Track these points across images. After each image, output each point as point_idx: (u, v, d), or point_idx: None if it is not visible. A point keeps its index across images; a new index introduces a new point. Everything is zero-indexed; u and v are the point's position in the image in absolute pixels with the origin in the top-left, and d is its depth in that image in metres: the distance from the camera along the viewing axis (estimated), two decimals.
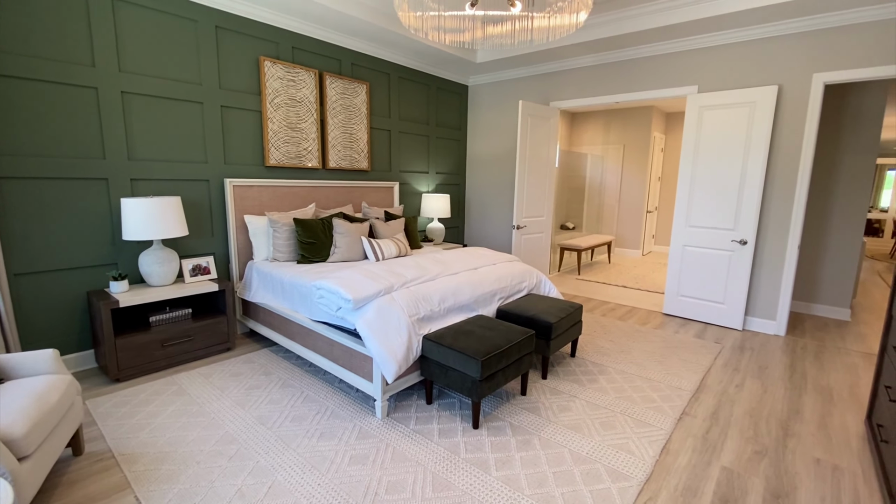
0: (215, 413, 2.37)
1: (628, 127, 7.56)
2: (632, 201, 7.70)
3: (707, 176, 3.96)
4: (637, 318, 4.23)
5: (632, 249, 7.79)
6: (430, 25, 2.61)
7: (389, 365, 2.25)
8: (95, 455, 2.02)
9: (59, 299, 2.75)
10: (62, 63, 2.60)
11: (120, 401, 2.48)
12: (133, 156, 2.93)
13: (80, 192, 2.75)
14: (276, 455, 2.03)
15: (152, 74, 2.96)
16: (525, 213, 4.70)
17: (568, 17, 2.44)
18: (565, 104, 4.84)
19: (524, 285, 3.32)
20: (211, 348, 3.09)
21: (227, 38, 3.29)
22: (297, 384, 2.74)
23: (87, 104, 2.72)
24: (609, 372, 3.00)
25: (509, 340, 2.38)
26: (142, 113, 2.94)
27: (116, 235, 2.91)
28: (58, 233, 2.69)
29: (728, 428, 2.37)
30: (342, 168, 4.22)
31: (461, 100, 5.56)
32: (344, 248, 3.47)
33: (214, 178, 3.34)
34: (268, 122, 3.57)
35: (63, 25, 2.59)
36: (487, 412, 2.45)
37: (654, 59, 4.20)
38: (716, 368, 3.12)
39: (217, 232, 3.41)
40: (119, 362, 2.67)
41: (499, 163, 5.47)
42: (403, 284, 2.63)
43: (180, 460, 1.98)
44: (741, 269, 3.87)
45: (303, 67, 3.75)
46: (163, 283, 2.93)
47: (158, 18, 2.95)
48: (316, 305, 2.70)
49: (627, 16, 3.76)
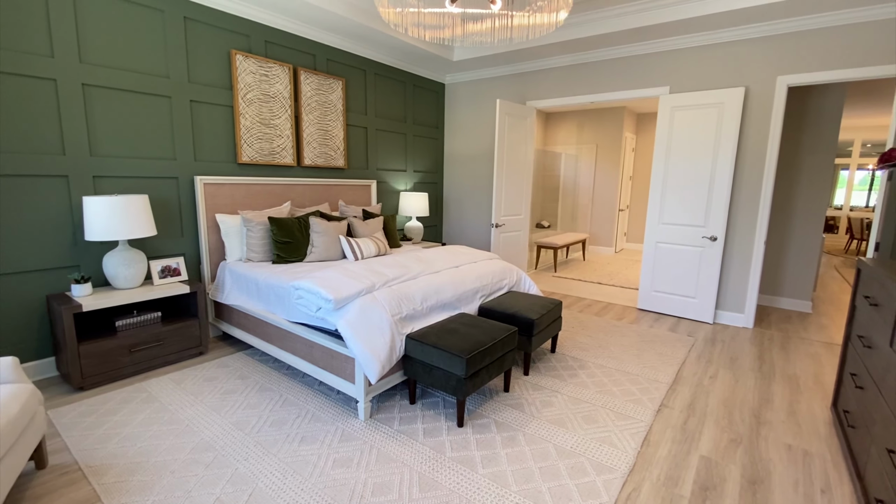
0: (189, 420, 2.28)
1: (601, 127, 7.72)
2: (604, 200, 7.86)
3: (679, 174, 4.08)
4: (613, 314, 4.31)
5: (605, 247, 7.95)
6: (409, 21, 2.59)
7: (373, 365, 2.21)
8: (60, 468, 1.90)
9: (16, 304, 2.58)
10: (17, 53, 2.44)
11: (85, 410, 2.35)
12: (96, 152, 2.78)
13: (38, 190, 2.58)
14: (256, 461, 1.96)
15: (116, 66, 2.81)
16: (504, 212, 4.72)
17: (547, 16, 2.45)
18: (542, 103, 4.89)
19: (505, 283, 3.33)
20: (182, 353, 2.97)
21: (196, 30, 3.17)
22: (276, 388, 2.66)
23: (44, 97, 2.56)
24: (589, 366, 3.04)
25: (493, 338, 2.38)
26: (105, 107, 2.79)
27: (78, 236, 2.76)
28: (14, 233, 2.52)
29: (704, 418, 2.44)
30: (318, 165, 4.13)
31: (438, 98, 5.54)
32: (321, 247, 3.39)
33: (184, 175, 3.20)
34: (240, 118, 3.46)
35: (18, 13, 2.43)
36: (472, 410, 2.44)
37: (627, 60, 4.30)
38: (690, 361, 3.22)
39: (187, 232, 3.27)
40: (83, 370, 2.52)
41: (476, 161, 5.48)
42: (385, 283, 2.59)
43: (153, 470, 1.89)
44: (712, 264, 4.00)
45: (276, 62, 3.64)
46: (130, 286, 2.79)
47: (122, 7, 2.80)
48: (294, 306, 2.63)
49: (603, 16, 3.82)
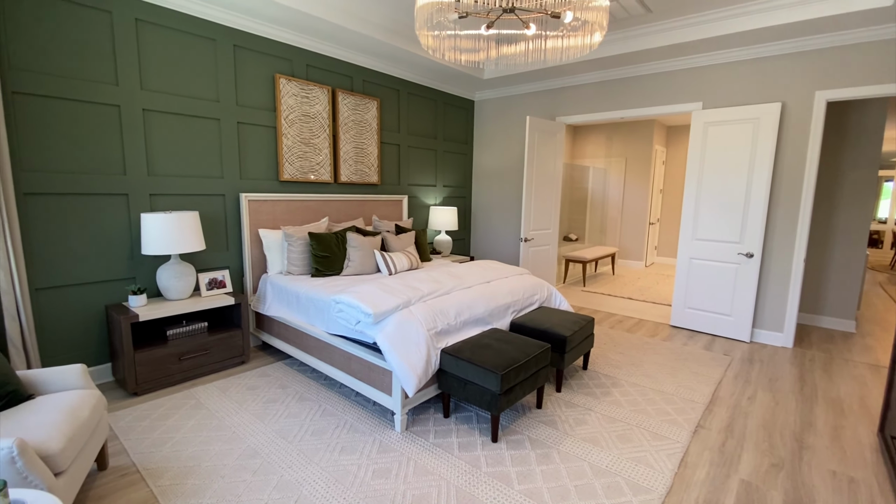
0: (235, 427, 2.39)
1: (630, 140, 7.67)
2: (634, 213, 7.77)
3: (712, 190, 4.03)
4: (645, 331, 4.26)
5: (635, 261, 7.84)
6: (447, 46, 2.69)
7: (410, 378, 2.27)
8: (120, 469, 2.03)
9: (79, 313, 2.78)
10: (87, 82, 2.67)
11: (140, 415, 2.50)
12: (153, 171, 2.98)
13: (102, 207, 2.79)
14: (300, 469, 2.05)
15: (172, 92, 3.03)
16: (532, 226, 4.76)
17: (582, 39, 2.51)
18: (571, 119, 4.93)
19: (536, 298, 3.36)
20: (226, 361, 3.11)
21: (244, 57, 3.37)
22: (314, 398, 2.75)
23: (109, 121, 2.78)
24: (622, 385, 3.03)
25: (527, 354, 2.42)
26: (161, 129, 3.00)
27: (135, 250, 2.95)
28: (79, 247, 2.73)
29: (744, 440, 2.39)
30: (353, 182, 4.28)
31: (468, 114, 5.65)
32: (357, 261, 3.51)
33: (230, 192, 3.39)
34: (282, 138, 3.64)
35: (89, 46, 2.66)
36: (505, 426, 2.47)
37: (659, 76, 4.30)
38: (727, 381, 3.15)
39: (232, 246, 3.45)
40: (137, 376, 2.68)
41: (504, 176, 5.55)
42: (420, 298, 2.67)
43: (205, 475, 1.99)
44: (748, 281, 3.92)
45: (316, 84, 3.82)
46: (180, 297, 2.96)
47: (179, 38, 3.02)
48: (334, 319, 2.73)
49: (635, 34, 3.86)
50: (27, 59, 2.47)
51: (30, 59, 2.48)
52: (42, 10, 2.50)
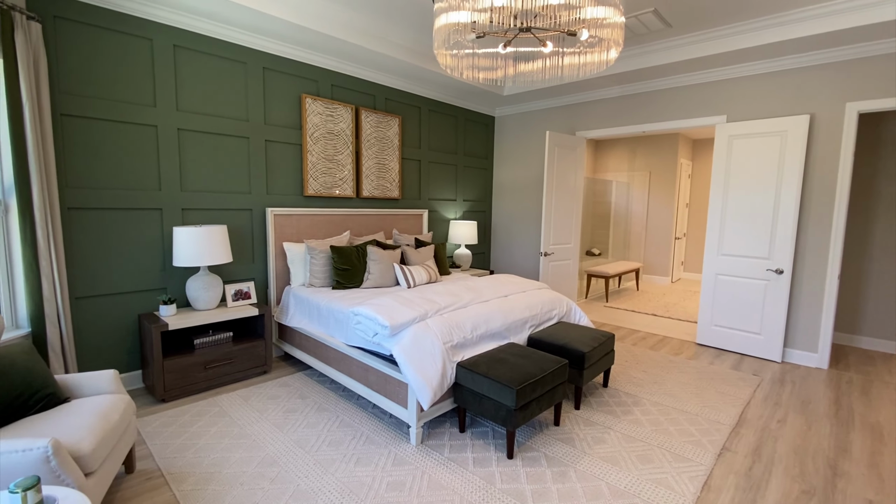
0: (256, 435, 2.45)
1: (654, 154, 7.57)
2: (659, 228, 7.62)
3: (739, 205, 3.93)
4: (669, 348, 4.15)
5: (660, 276, 7.66)
6: (465, 65, 2.76)
7: (425, 392, 2.29)
8: (146, 473, 2.11)
9: (114, 322, 2.92)
10: (128, 104, 2.85)
11: (166, 420, 2.59)
12: (185, 187, 3.14)
13: (138, 221, 2.95)
14: (316, 479, 2.08)
15: (205, 112, 3.20)
16: (553, 241, 4.73)
17: (598, 55, 2.54)
18: (591, 133, 4.92)
19: (554, 313, 3.33)
20: (249, 371, 3.20)
21: (272, 78, 3.53)
22: (333, 408, 2.80)
23: (147, 141, 2.95)
24: (643, 403, 2.95)
25: (543, 369, 2.40)
26: (194, 147, 3.17)
27: (167, 261, 3.10)
28: (115, 259, 2.89)
29: (772, 465, 2.29)
30: (375, 197, 4.38)
31: (488, 130, 5.72)
32: (377, 274, 3.57)
33: (257, 207, 3.53)
34: (307, 155, 3.77)
35: (131, 71, 2.85)
36: (521, 442, 2.44)
37: (681, 90, 4.27)
38: (755, 402, 3.03)
39: (257, 258, 3.57)
40: (165, 383, 2.79)
41: (524, 190, 5.56)
42: (437, 311, 2.69)
43: (225, 481, 2.05)
44: (778, 299, 3.78)
45: (340, 103, 3.96)
46: (207, 308, 3.07)
47: (213, 62, 3.20)
48: (353, 331, 2.78)
49: (655, 49, 3.86)
50: (75, 84, 2.67)
51: (77, 83, 2.68)
52: (90, 40, 2.70)
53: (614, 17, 2.16)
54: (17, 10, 2.34)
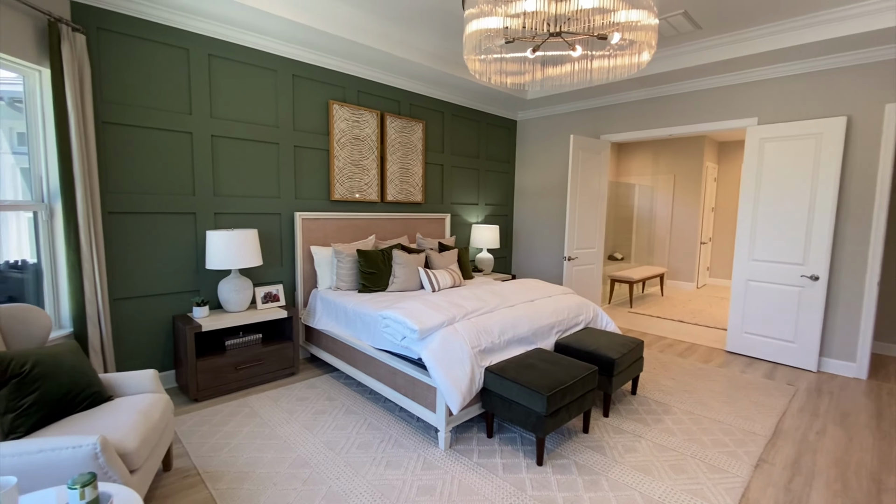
0: (286, 436, 2.48)
1: (679, 157, 7.44)
2: (684, 232, 7.48)
3: (771, 209, 3.83)
4: (698, 356, 4.05)
5: (685, 282, 7.50)
6: (493, 69, 2.76)
7: (454, 396, 2.29)
8: (182, 471, 2.16)
9: (149, 322, 3.01)
10: (165, 112, 2.95)
11: (200, 420, 2.65)
12: (218, 192, 3.22)
13: (173, 225, 3.04)
14: (347, 481, 2.09)
15: (237, 119, 3.28)
16: (576, 245, 4.69)
17: (629, 58, 2.51)
18: (616, 137, 4.87)
19: (581, 318, 3.29)
20: (277, 372, 3.25)
21: (301, 85, 3.60)
22: (360, 411, 2.82)
23: (182, 147, 3.04)
24: (674, 412, 2.89)
25: (573, 376, 2.37)
26: (227, 153, 3.25)
27: (200, 264, 3.18)
28: (152, 262, 2.98)
29: (812, 479, 2.21)
30: (399, 201, 4.41)
31: (510, 134, 5.71)
32: (402, 278, 3.59)
33: (286, 211, 3.59)
34: (334, 160, 3.83)
35: (168, 79, 2.95)
36: (550, 449, 2.42)
37: (710, 92, 4.19)
38: (791, 413, 2.94)
39: (286, 261, 3.64)
40: (199, 383, 2.86)
41: (547, 194, 5.52)
42: (465, 316, 2.69)
43: (259, 481, 2.08)
44: (813, 306, 3.66)
45: (366, 109, 4.01)
46: (238, 310, 3.14)
47: (245, 70, 3.28)
48: (381, 334, 2.80)
49: (684, 51, 3.80)
50: (116, 93, 2.77)
51: (118, 92, 2.78)
52: (130, 50, 2.80)
53: (648, 19, 2.14)
54: (63, 22, 2.45)
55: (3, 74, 2.46)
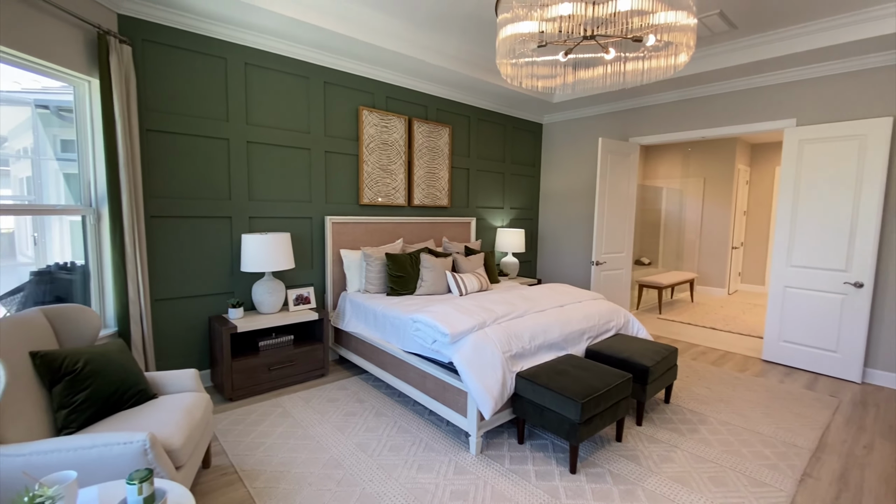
0: (319, 437, 2.52)
1: (709, 159, 7.26)
2: (715, 237, 7.28)
3: (811, 213, 3.70)
4: (733, 364, 3.93)
5: (716, 288, 7.30)
6: (524, 73, 2.76)
7: (486, 401, 2.28)
8: (221, 469, 2.22)
9: (186, 323, 3.10)
10: (204, 119, 3.05)
11: (235, 419, 2.71)
12: (252, 197, 3.31)
13: (210, 228, 3.13)
14: (380, 483, 2.11)
15: (271, 125, 3.36)
16: (604, 249, 4.62)
17: (665, 60, 2.47)
18: (646, 140, 4.78)
19: (612, 325, 3.24)
20: (308, 374, 3.30)
21: (332, 92, 3.67)
22: (390, 413, 2.83)
23: (220, 153, 3.14)
24: (710, 422, 2.81)
25: (607, 383, 2.33)
26: (261, 159, 3.33)
27: (235, 267, 3.26)
28: (190, 264, 3.07)
29: (861, 495, 2.12)
30: (425, 205, 4.43)
31: (535, 137, 5.68)
32: (430, 281, 3.61)
33: (316, 215, 3.66)
34: (363, 165, 3.88)
35: (207, 88, 3.05)
36: (583, 457, 2.38)
37: (745, 93, 4.08)
38: (836, 426, 2.82)
39: (316, 264, 3.70)
40: (234, 383, 2.93)
41: (573, 198, 5.46)
42: (495, 320, 2.68)
43: (294, 481, 2.12)
44: (857, 314, 3.51)
45: (394, 114, 4.06)
46: (271, 311, 3.20)
47: (279, 78, 3.37)
48: (411, 337, 2.82)
49: (719, 52, 3.71)
50: (158, 101, 2.88)
51: (160, 101, 2.89)
52: (172, 60, 2.91)
53: (686, 20, 2.10)
54: (111, 35, 2.56)
55: (49, 84, 2.58)
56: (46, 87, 2.64)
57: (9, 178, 2.59)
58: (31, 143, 2.66)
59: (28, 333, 1.81)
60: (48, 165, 2.73)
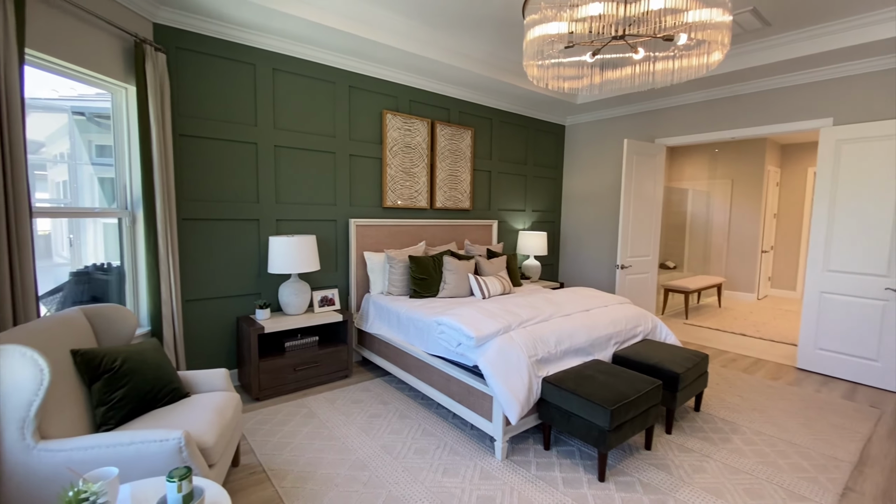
0: (344, 438, 2.53)
1: (737, 160, 7.07)
2: (743, 240, 7.07)
3: (849, 215, 3.55)
4: (765, 372, 3.80)
5: (744, 293, 7.08)
6: (550, 75, 2.73)
7: (512, 406, 2.25)
8: (249, 468, 2.25)
9: (215, 323, 3.17)
10: (233, 124, 3.11)
11: (262, 419, 2.75)
12: (279, 199, 3.36)
13: (238, 231, 3.19)
14: (406, 486, 2.10)
15: (298, 130, 3.41)
16: (630, 253, 4.54)
17: (697, 59, 2.41)
18: (672, 141, 4.68)
19: (639, 329, 3.17)
20: (332, 375, 3.33)
21: (357, 96, 3.71)
22: (414, 416, 2.83)
23: (248, 157, 3.20)
24: (743, 431, 2.72)
25: (637, 390, 2.28)
26: (288, 162, 3.39)
27: (262, 268, 3.32)
28: (219, 266, 3.14)
29: None
30: (447, 208, 4.43)
31: (558, 139, 5.62)
32: (452, 284, 3.60)
33: (341, 218, 3.70)
34: (386, 168, 3.91)
35: (237, 93, 3.12)
36: (612, 465, 2.33)
37: (777, 92, 3.95)
38: (878, 438, 2.69)
39: (340, 266, 3.73)
40: (260, 382, 2.97)
41: (596, 200, 5.38)
42: (520, 324, 2.65)
43: (321, 481, 2.13)
44: None
45: (417, 118, 4.08)
46: (297, 313, 3.25)
47: (306, 83, 3.42)
48: (435, 340, 2.81)
49: (751, 49, 3.61)
50: (190, 107, 2.96)
51: (192, 106, 2.96)
52: (204, 67, 2.99)
53: (721, 17, 2.05)
54: (147, 43, 2.64)
55: (84, 91, 2.67)
56: (82, 95, 2.74)
57: (46, 183, 2.69)
58: (68, 148, 2.76)
59: (69, 332, 1.87)
60: (83, 170, 2.83)
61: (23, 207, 1.86)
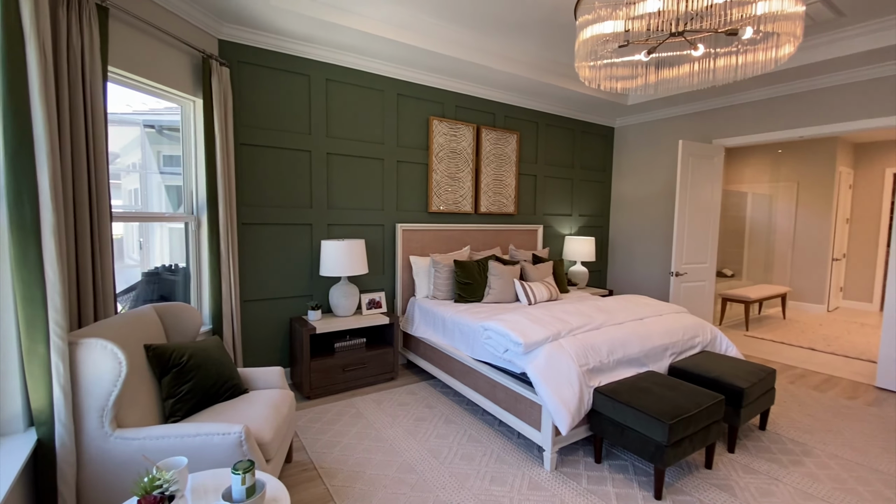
0: (391, 440, 2.56)
1: (804, 161, 6.58)
2: (811, 247, 6.56)
3: None
4: (839, 390, 3.49)
5: (813, 304, 6.56)
6: (602, 76, 2.66)
7: (563, 415, 2.19)
8: (301, 464, 2.32)
9: (270, 323, 3.31)
10: (288, 133, 3.25)
11: (313, 417, 2.83)
12: (331, 205, 3.47)
13: (292, 235, 3.32)
14: (454, 492, 2.09)
15: (349, 137, 3.52)
16: (685, 259, 4.32)
17: (764, 53, 2.27)
18: (731, 141, 4.43)
19: (697, 341, 3.00)
20: (378, 376, 3.38)
21: (405, 103, 3.78)
22: (459, 421, 2.82)
23: (302, 164, 3.33)
24: (816, 454, 2.50)
25: (697, 404, 2.15)
26: (339, 169, 3.49)
27: (314, 271, 3.43)
28: (274, 268, 3.28)
29: None
30: (491, 212, 4.41)
31: (606, 142, 5.47)
32: (497, 289, 3.57)
33: (388, 223, 3.76)
34: (432, 173, 3.94)
35: (292, 104, 3.26)
36: (668, 483, 2.21)
37: (850, 87, 3.65)
38: None
39: (387, 270, 3.80)
40: (311, 381, 3.06)
41: (648, 204, 5.18)
42: (570, 332, 2.58)
43: (370, 482, 2.16)
44: None
45: (463, 123, 4.09)
46: (346, 314, 3.33)
47: (356, 92, 3.52)
48: (481, 345, 2.79)
49: (822, 42, 3.36)
50: (249, 117, 3.12)
51: (251, 117, 3.12)
52: (262, 79, 3.15)
53: (794, 7, 1.92)
54: (213, 58, 2.81)
55: (155, 105, 2.88)
56: (153, 109, 2.95)
57: (119, 191, 2.91)
58: (139, 158, 2.98)
59: (143, 328, 2.01)
60: (152, 178, 3.05)
61: (104, 213, 2.02)
